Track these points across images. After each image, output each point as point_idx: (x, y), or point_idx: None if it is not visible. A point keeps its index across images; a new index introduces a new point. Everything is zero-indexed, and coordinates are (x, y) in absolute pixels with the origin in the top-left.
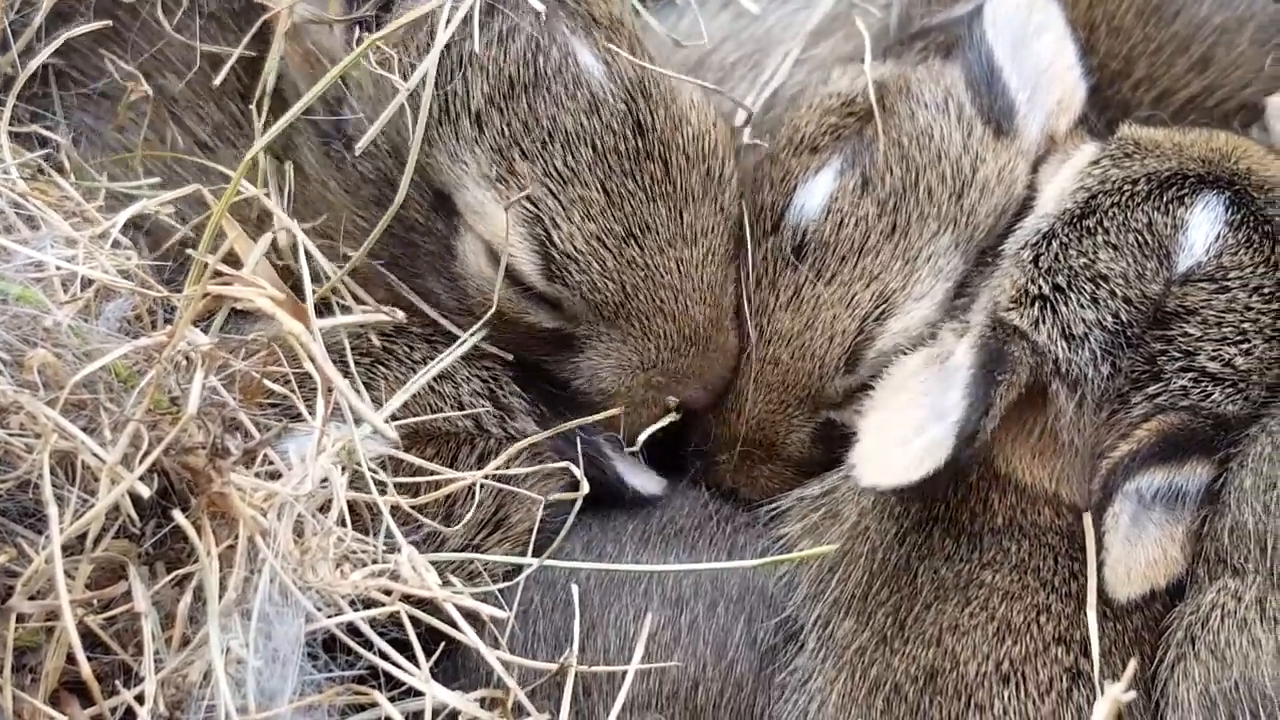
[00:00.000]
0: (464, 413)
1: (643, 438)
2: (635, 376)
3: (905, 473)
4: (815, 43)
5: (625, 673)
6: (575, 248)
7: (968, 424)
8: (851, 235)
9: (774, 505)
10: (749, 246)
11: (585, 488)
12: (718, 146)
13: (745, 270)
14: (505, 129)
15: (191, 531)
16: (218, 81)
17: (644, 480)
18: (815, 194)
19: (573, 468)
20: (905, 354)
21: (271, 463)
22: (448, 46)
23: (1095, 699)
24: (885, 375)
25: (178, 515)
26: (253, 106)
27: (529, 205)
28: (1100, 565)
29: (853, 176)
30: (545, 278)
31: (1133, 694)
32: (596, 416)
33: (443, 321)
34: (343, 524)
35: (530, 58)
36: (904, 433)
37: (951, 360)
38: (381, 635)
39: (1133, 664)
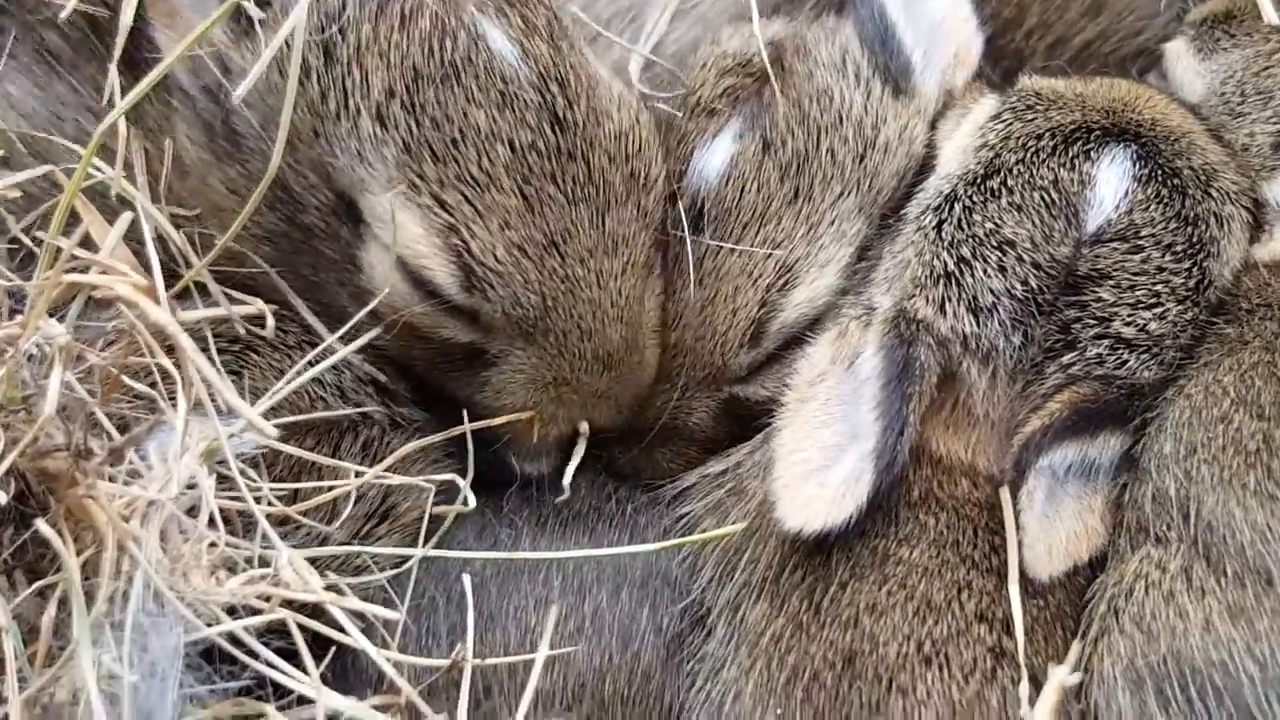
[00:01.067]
0: (350, 411)
1: (568, 477)
2: (545, 392)
3: (828, 513)
4: None
5: (527, 668)
6: (496, 258)
7: (885, 450)
8: (754, 201)
9: (676, 483)
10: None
11: (471, 474)
12: (644, 145)
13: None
14: (413, 127)
15: (56, 540)
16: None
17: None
18: (714, 158)
19: (458, 480)
20: (810, 341)
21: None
22: (342, 30)
23: (1020, 679)
24: (791, 378)
25: (41, 525)
26: (112, 67)
27: (443, 212)
28: (1019, 545)
29: (753, 140)
30: (464, 290)
31: (1078, 676)
32: (497, 420)
33: (320, 328)
34: (213, 526)
35: (437, 43)
36: (819, 457)
37: (858, 366)
38: (267, 641)
39: (1076, 645)
